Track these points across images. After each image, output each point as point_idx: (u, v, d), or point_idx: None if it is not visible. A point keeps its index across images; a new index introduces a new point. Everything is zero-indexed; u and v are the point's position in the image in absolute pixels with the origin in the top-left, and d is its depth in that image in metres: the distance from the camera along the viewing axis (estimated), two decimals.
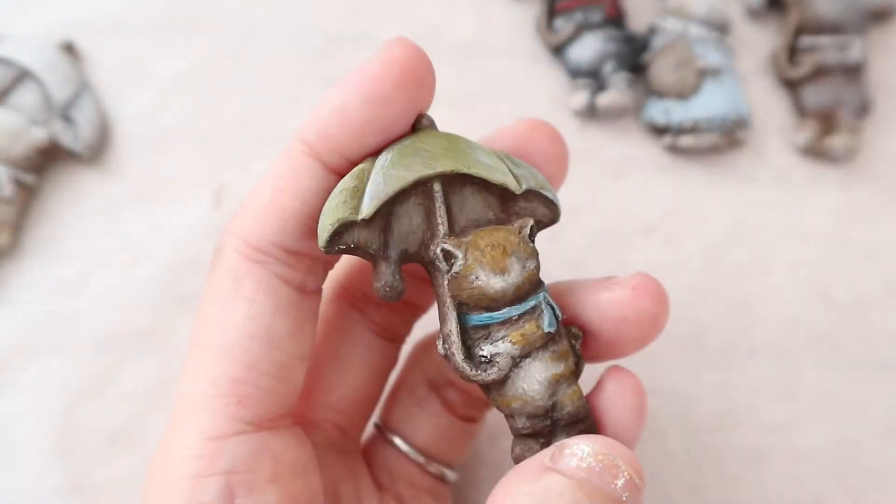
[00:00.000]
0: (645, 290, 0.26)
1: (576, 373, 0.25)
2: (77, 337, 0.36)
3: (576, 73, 0.39)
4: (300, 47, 0.39)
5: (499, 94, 0.39)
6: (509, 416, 0.25)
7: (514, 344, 0.24)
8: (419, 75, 0.24)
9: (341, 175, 0.24)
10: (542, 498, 0.22)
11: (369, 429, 0.31)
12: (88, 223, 0.37)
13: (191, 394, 0.25)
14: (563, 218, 0.37)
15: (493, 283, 0.24)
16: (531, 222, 0.25)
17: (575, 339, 0.26)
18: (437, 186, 0.24)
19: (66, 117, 0.37)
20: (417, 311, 0.30)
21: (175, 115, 0.39)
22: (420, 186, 0.24)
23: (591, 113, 0.39)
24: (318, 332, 0.29)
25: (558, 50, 0.40)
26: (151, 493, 0.25)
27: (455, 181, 0.25)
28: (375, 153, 0.25)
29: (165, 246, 0.37)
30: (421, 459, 0.30)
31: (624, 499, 0.23)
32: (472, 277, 0.24)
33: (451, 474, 0.31)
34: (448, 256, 0.24)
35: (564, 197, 0.33)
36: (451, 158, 0.24)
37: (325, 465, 0.27)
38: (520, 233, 0.25)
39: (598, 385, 0.26)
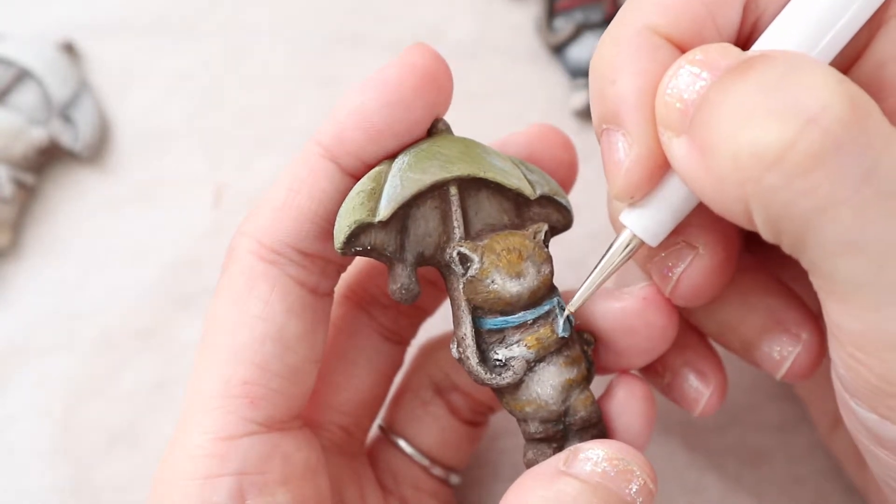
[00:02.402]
0: (655, 301, 0.26)
1: (588, 378, 0.25)
2: (77, 337, 0.36)
3: (576, 73, 0.39)
4: (300, 47, 0.39)
5: (499, 94, 0.39)
6: (522, 421, 0.25)
7: (529, 348, 0.24)
8: (438, 81, 0.24)
9: (358, 178, 0.25)
10: (555, 502, 0.22)
11: (374, 431, 0.31)
12: (88, 223, 0.37)
13: (202, 394, 0.25)
14: None
15: (510, 286, 0.24)
16: (546, 227, 0.25)
17: (587, 345, 0.26)
18: (453, 190, 0.25)
19: (65, 117, 0.37)
20: (423, 313, 0.30)
21: (175, 115, 0.39)
22: (436, 190, 0.24)
23: (591, 113, 0.39)
24: None
25: (558, 50, 0.40)
26: (161, 492, 0.25)
27: (471, 186, 0.25)
28: (392, 156, 0.25)
29: (165, 246, 0.37)
30: (425, 462, 0.30)
31: (638, 503, 0.23)
32: (488, 281, 0.24)
33: (454, 478, 0.31)
34: (464, 260, 0.24)
35: None
36: (468, 163, 0.25)
37: (331, 467, 0.27)
38: (534, 237, 0.25)
39: (608, 391, 0.27)
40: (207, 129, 0.38)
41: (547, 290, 0.25)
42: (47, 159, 0.38)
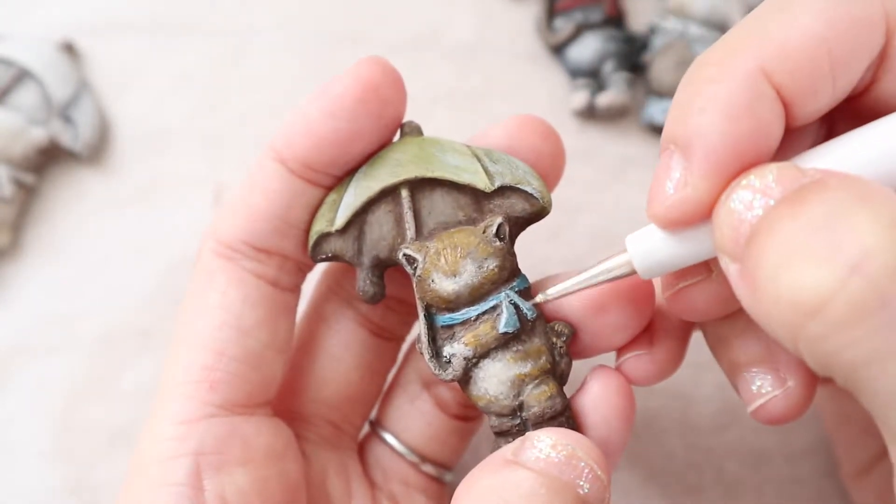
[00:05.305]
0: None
1: (552, 371, 0.25)
2: (77, 337, 0.36)
3: (576, 73, 0.39)
4: (300, 47, 0.39)
5: (499, 94, 0.39)
6: (485, 414, 0.25)
7: (466, 345, 0.25)
8: (382, 93, 0.25)
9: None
10: (502, 490, 0.22)
11: (367, 426, 0.31)
12: (88, 223, 0.37)
13: (168, 383, 0.26)
14: (563, 218, 0.37)
15: (445, 285, 0.24)
16: (497, 221, 0.25)
17: (557, 337, 0.25)
18: (404, 193, 0.25)
19: (65, 117, 0.37)
20: (414, 310, 0.30)
21: (175, 115, 0.39)
22: (389, 194, 0.25)
23: (591, 113, 0.39)
24: (312, 329, 0.29)
25: (558, 50, 0.40)
26: (130, 481, 0.25)
27: (425, 185, 0.25)
28: (362, 164, 0.26)
29: (165, 246, 0.37)
30: (413, 458, 0.30)
31: (585, 490, 0.23)
32: (430, 280, 0.25)
33: (448, 475, 0.31)
34: (410, 260, 0.25)
35: (564, 197, 0.33)
36: (417, 164, 0.25)
37: (316, 459, 0.28)
38: (484, 232, 0.25)
39: (583, 385, 0.26)
40: (207, 129, 0.38)
41: (494, 285, 0.25)
42: (47, 159, 0.38)
